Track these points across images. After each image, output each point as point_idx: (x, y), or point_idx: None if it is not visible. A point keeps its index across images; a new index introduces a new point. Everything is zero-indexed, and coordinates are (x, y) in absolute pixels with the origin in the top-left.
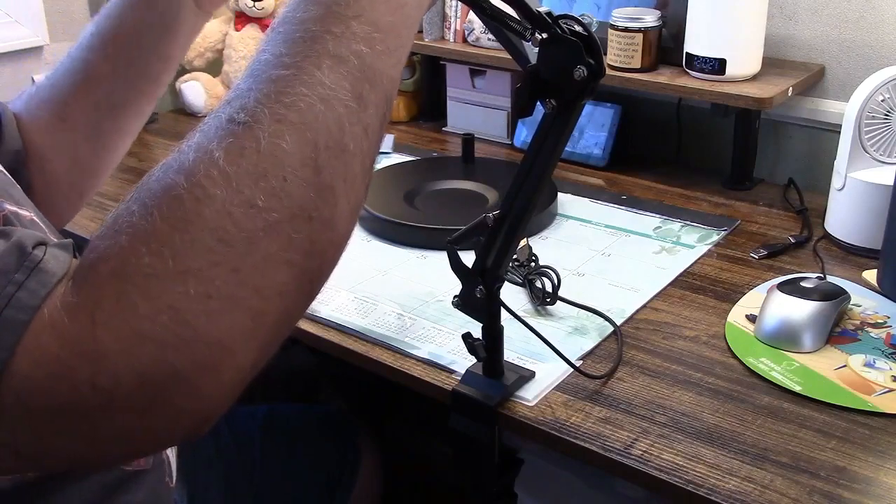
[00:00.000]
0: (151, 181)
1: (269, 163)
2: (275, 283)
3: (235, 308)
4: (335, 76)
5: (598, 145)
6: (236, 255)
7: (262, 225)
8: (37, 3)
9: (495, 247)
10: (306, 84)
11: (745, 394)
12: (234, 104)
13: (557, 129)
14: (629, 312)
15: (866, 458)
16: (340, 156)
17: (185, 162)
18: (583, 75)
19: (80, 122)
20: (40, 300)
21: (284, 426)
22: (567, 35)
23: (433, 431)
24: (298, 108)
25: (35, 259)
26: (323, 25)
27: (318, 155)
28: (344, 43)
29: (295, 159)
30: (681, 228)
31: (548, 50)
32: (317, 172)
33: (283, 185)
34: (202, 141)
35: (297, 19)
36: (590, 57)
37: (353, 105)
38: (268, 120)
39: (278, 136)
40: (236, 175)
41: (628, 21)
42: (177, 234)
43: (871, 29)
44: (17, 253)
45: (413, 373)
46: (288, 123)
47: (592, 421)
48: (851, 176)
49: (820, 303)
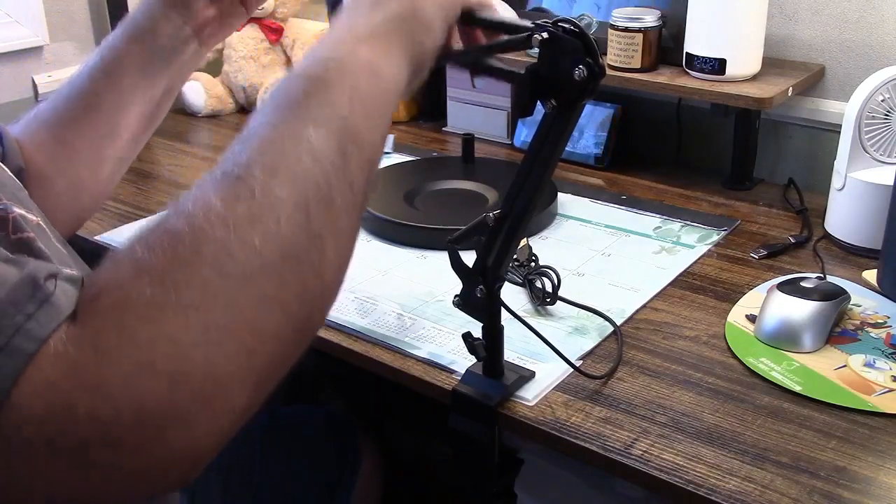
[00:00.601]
0: (152, 226)
1: (264, 208)
2: (268, 324)
3: (231, 343)
4: (321, 136)
5: (598, 145)
6: (234, 289)
7: (258, 264)
8: (37, 3)
9: (496, 246)
10: (294, 142)
11: (745, 394)
12: (227, 162)
13: (558, 129)
14: (629, 312)
15: (866, 458)
16: (329, 208)
17: (184, 210)
18: (583, 75)
19: (79, 148)
20: (48, 332)
21: (284, 426)
22: (566, 35)
23: (433, 431)
24: (288, 163)
25: (47, 292)
26: (307, 95)
27: (309, 205)
28: (328, 108)
29: (288, 206)
30: (681, 228)
31: (547, 50)
32: (308, 220)
33: (277, 229)
34: (199, 193)
35: (283, 91)
36: (588, 57)
37: (339, 162)
38: (260, 172)
39: (271, 185)
40: (234, 218)
41: (628, 21)
42: (178, 268)
43: (871, 29)
44: (30, 285)
45: (413, 373)
46: (280, 175)
47: (592, 421)
48: (851, 176)
49: (820, 303)
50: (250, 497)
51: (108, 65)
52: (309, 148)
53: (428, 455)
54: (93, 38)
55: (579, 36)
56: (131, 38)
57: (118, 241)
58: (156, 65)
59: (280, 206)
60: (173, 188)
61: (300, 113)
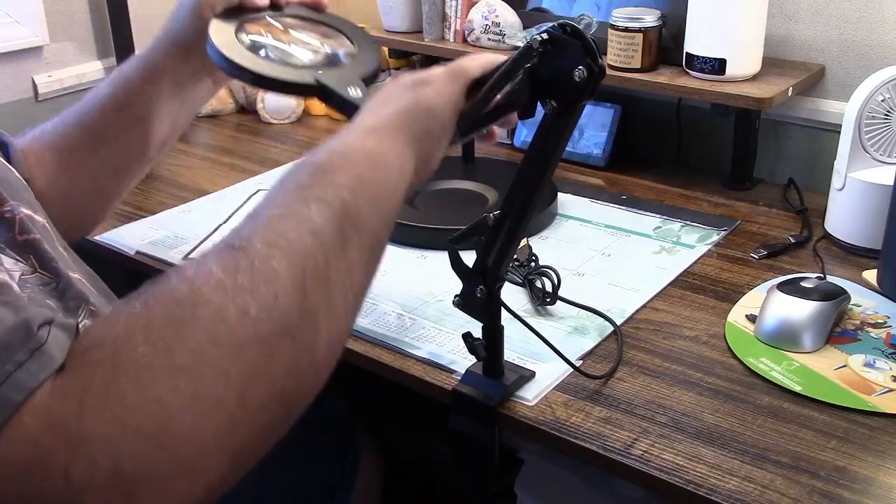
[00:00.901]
0: (152, 287)
1: (262, 279)
2: (257, 395)
3: (218, 411)
4: (321, 215)
5: (598, 145)
6: (226, 359)
7: (252, 334)
8: (37, 3)
9: (496, 247)
10: (295, 219)
11: (745, 394)
12: (231, 236)
13: (558, 129)
14: (629, 312)
15: (866, 458)
16: (325, 286)
17: (185, 275)
18: (583, 76)
19: (80, 173)
20: (37, 384)
21: None
22: (566, 35)
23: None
24: (288, 238)
25: (39, 340)
26: (311, 178)
27: (306, 281)
28: (330, 190)
29: (285, 280)
30: (681, 228)
31: (547, 51)
32: (304, 296)
33: (274, 301)
34: (200, 261)
35: (290, 175)
36: (588, 58)
37: (338, 242)
38: (260, 244)
39: (271, 257)
40: (232, 286)
41: (628, 21)
42: (173, 329)
43: (871, 29)
44: (23, 332)
45: (413, 373)
46: (279, 248)
47: (592, 421)
48: (851, 176)
49: (820, 303)
50: (249, 497)
51: (120, 100)
52: (310, 226)
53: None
54: (93, 38)
55: (578, 37)
56: (148, 77)
57: (118, 241)
58: (169, 103)
59: (277, 279)
60: (173, 188)
61: (304, 193)
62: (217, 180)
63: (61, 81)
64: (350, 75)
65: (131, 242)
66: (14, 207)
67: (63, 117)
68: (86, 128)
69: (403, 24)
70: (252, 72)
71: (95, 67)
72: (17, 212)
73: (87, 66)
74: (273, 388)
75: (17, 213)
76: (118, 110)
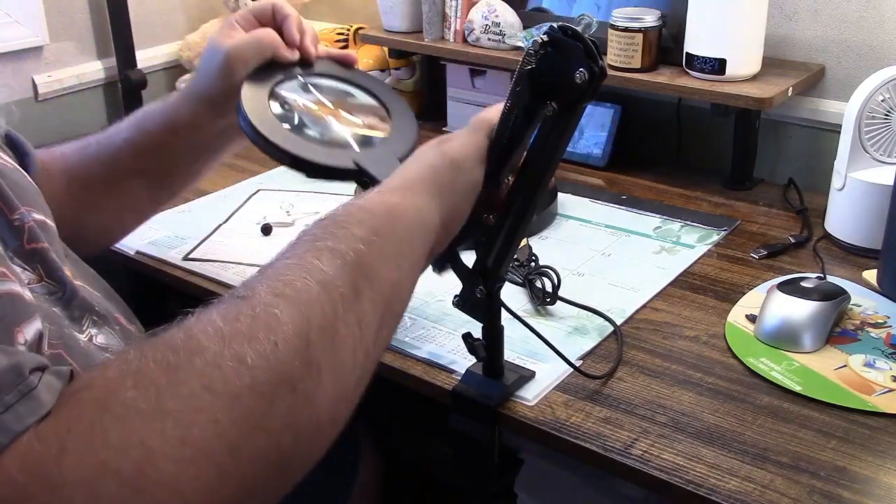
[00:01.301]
0: (152, 337)
1: (262, 327)
2: (249, 448)
3: (206, 461)
4: (333, 266)
5: (598, 145)
6: (219, 406)
7: (248, 383)
8: (37, 3)
9: (496, 247)
10: (305, 269)
11: (745, 394)
12: (238, 287)
13: (558, 131)
14: (629, 312)
15: (866, 458)
16: (332, 338)
17: (185, 324)
18: (584, 78)
19: (89, 207)
20: (24, 427)
21: None
22: (567, 38)
23: (433, 431)
24: (295, 287)
25: (30, 385)
26: (326, 230)
27: (311, 330)
28: (343, 242)
29: (288, 329)
30: (681, 228)
31: (548, 53)
32: (306, 345)
33: (273, 349)
34: (204, 311)
35: (307, 230)
36: (589, 60)
37: (349, 294)
38: (266, 293)
39: (274, 305)
40: (230, 334)
41: (628, 21)
42: (165, 375)
43: (871, 29)
44: (14, 374)
45: (413, 373)
46: (284, 297)
47: (592, 421)
48: (851, 176)
49: (820, 303)
50: None
51: (138, 148)
52: (320, 277)
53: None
54: (93, 38)
55: (579, 39)
56: (169, 130)
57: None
58: (190, 156)
59: (279, 327)
60: None
61: (317, 245)
62: (217, 180)
63: (61, 81)
64: (388, 156)
65: (131, 242)
66: (24, 215)
67: (83, 146)
68: (104, 164)
69: (403, 24)
70: (289, 154)
71: (95, 67)
72: (26, 220)
73: (87, 66)
74: (268, 442)
75: (27, 220)
76: (135, 157)
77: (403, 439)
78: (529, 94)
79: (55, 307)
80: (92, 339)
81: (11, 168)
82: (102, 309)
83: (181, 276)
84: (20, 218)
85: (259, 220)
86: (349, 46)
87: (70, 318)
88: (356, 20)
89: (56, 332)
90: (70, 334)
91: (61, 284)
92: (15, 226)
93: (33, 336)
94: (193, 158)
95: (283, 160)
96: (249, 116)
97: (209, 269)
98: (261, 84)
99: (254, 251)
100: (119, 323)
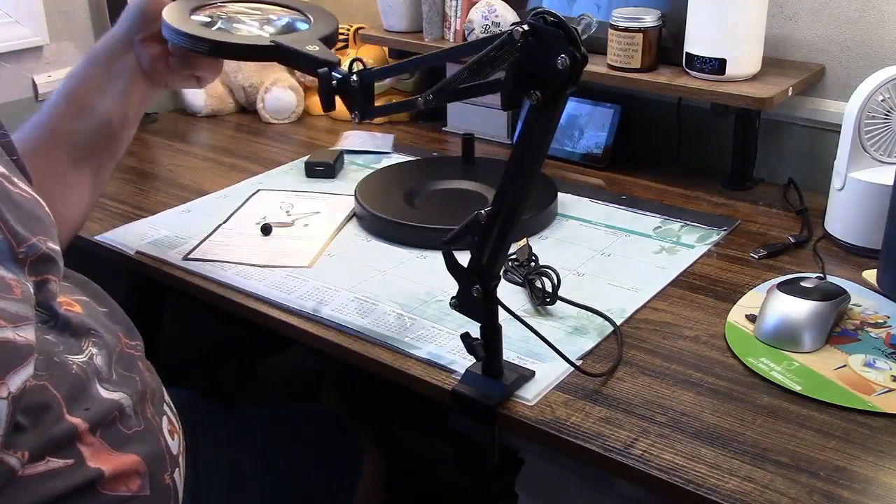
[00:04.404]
0: None
1: None
2: None
3: None
4: None
5: (598, 145)
6: None
7: None
8: (37, 3)
9: (489, 245)
10: None
11: (745, 394)
12: None
13: (545, 121)
14: (629, 312)
15: (866, 458)
16: None
17: None
18: (566, 64)
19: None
20: None
21: (286, 427)
22: (546, 26)
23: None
24: None
25: None
26: None
27: None
28: None
29: None
30: (681, 228)
31: (529, 43)
32: None
33: None
34: None
35: None
36: (571, 45)
37: None
38: None
39: None
40: None
41: (628, 21)
42: None
43: (871, 29)
44: None
45: (413, 373)
46: None
47: (592, 421)
48: (851, 176)
49: (820, 303)
50: (252, 498)
51: (68, 92)
52: None
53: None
54: (93, 38)
55: (560, 26)
56: (91, 63)
57: (118, 242)
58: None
59: None
60: (173, 188)
61: None
62: (217, 180)
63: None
64: (306, 37)
65: (131, 242)
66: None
67: (22, 127)
68: (41, 126)
69: (403, 24)
70: (208, 40)
71: None
72: (37, 250)
73: None
74: None
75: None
76: (67, 103)
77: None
78: (514, 85)
79: (48, 335)
80: (93, 359)
81: (28, 198)
82: (103, 329)
83: (181, 276)
84: (24, 252)
85: (259, 220)
86: (349, 46)
87: (66, 343)
88: (356, 20)
89: (44, 362)
90: (62, 362)
91: (52, 314)
92: (19, 259)
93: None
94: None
95: (202, 48)
96: (169, 21)
97: (209, 269)
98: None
99: (254, 251)
100: (121, 342)
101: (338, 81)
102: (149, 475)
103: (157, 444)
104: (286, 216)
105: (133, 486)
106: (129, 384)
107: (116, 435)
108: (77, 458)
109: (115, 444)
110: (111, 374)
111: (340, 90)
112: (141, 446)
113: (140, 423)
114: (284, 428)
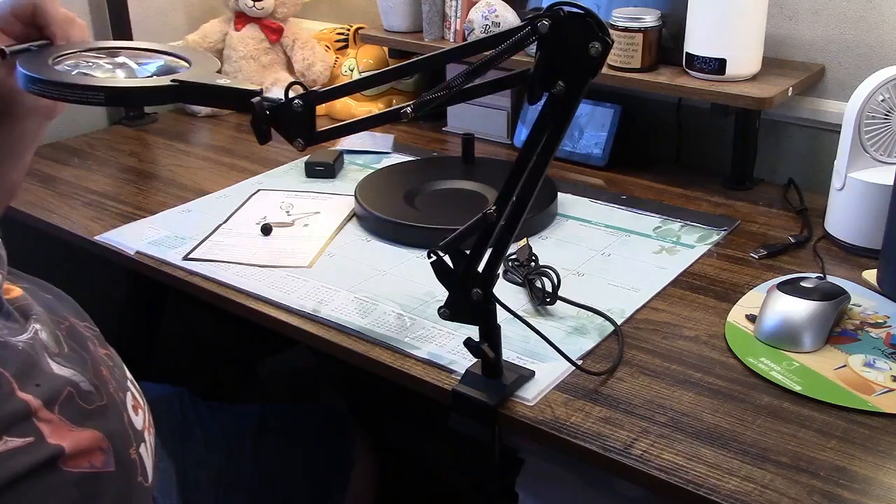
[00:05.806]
0: None
1: None
2: None
3: None
4: None
5: (598, 145)
6: None
7: None
8: None
9: (491, 245)
10: None
11: (745, 394)
12: None
13: (565, 111)
14: (629, 312)
15: (866, 458)
16: None
17: None
18: (598, 50)
19: None
20: None
21: (277, 425)
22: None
23: (433, 431)
24: None
25: None
26: None
27: None
28: None
29: None
30: (681, 228)
31: (557, 34)
32: None
33: None
34: None
35: None
36: (601, 32)
37: None
38: None
39: None
40: None
41: (628, 21)
42: None
43: (871, 29)
44: None
45: (413, 373)
46: None
47: (592, 421)
48: (851, 176)
49: (820, 303)
50: (243, 496)
51: None
52: None
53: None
54: (93, 38)
55: (589, 14)
56: None
57: (118, 241)
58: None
59: None
60: (173, 188)
61: None
62: (217, 180)
63: None
64: (203, 73)
65: (131, 242)
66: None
67: None
68: None
69: (403, 24)
70: (105, 87)
71: None
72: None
73: None
74: None
75: None
76: None
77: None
78: (540, 78)
79: None
80: (38, 334)
81: None
82: (44, 307)
83: (181, 276)
84: None
85: (259, 220)
86: (349, 46)
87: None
88: (356, 20)
89: None
90: (6, 342)
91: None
92: None
93: None
94: None
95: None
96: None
97: (209, 269)
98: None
99: (254, 251)
100: (67, 320)
101: (272, 110)
102: (112, 450)
103: (121, 420)
104: (286, 216)
105: (96, 461)
106: (81, 359)
107: (76, 411)
108: (36, 436)
109: (74, 419)
110: (62, 347)
111: (275, 118)
112: (103, 421)
113: (102, 399)
114: (276, 426)
